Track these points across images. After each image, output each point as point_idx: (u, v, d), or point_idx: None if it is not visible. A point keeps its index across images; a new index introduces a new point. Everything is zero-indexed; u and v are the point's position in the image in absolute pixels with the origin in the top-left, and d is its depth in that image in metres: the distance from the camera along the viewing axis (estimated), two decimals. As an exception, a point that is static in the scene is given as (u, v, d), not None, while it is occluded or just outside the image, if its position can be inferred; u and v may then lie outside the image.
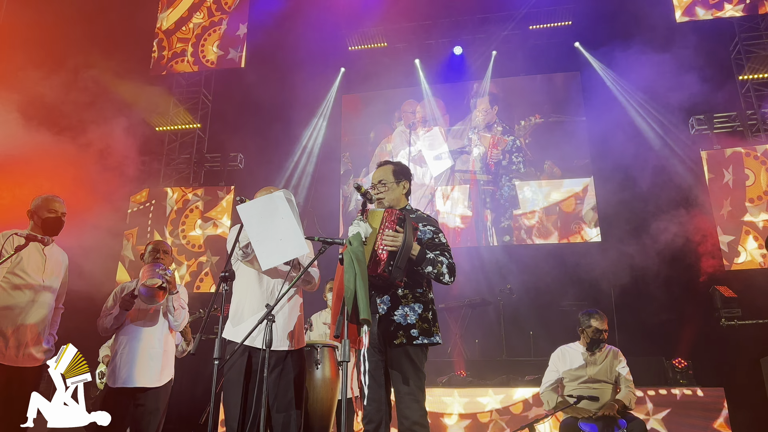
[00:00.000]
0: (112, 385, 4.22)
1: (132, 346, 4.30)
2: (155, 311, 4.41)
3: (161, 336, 4.42)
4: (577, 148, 10.43)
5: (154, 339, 4.37)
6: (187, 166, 11.25)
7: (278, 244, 3.31)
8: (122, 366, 4.24)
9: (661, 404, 6.52)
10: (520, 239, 10.29)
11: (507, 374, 7.63)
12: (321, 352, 4.79)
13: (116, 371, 4.24)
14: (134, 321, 4.39)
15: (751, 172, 9.06)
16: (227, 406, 3.45)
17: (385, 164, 3.65)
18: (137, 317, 4.40)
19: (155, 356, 4.33)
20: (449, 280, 3.32)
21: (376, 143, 11.50)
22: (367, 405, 3.19)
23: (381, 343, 3.28)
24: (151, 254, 4.55)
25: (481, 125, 11.06)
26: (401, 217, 3.23)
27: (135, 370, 4.23)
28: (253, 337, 3.30)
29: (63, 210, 4.12)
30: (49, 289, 4.01)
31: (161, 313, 4.44)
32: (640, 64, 9.89)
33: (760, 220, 8.82)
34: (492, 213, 10.53)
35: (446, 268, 3.31)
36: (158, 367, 4.33)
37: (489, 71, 11.19)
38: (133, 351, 4.28)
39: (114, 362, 4.29)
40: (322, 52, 11.37)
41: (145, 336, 4.35)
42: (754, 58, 9.45)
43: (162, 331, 4.44)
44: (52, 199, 4.09)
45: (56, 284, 4.11)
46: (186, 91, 11.51)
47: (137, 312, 4.40)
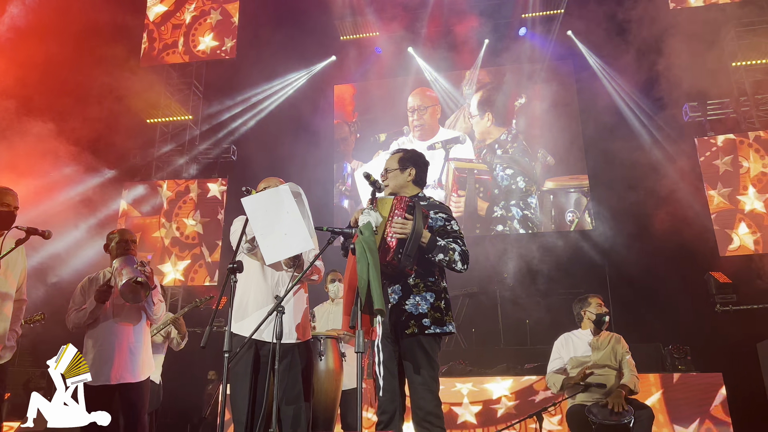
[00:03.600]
0: (93, 383, 3.86)
1: (109, 342, 4.11)
2: (133, 305, 4.21)
3: (140, 329, 4.26)
4: (570, 137, 10.43)
5: (132, 333, 4.20)
6: (180, 159, 11.15)
7: (283, 238, 3.25)
8: (102, 362, 4.05)
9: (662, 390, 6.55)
10: (514, 228, 10.30)
11: (506, 363, 7.65)
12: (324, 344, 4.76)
13: (95, 368, 4.00)
14: (112, 316, 4.19)
15: (744, 158, 9.11)
16: (235, 399, 3.41)
17: (395, 152, 3.60)
18: (113, 311, 4.20)
19: (136, 351, 4.18)
20: (462, 268, 3.27)
21: (369, 133, 11.45)
22: (381, 396, 3.16)
23: (393, 333, 3.25)
24: (119, 245, 4.27)
25: (475, 114, 11.03)
26: (411, 204, 3.17)
27: (116, 365, 4.07)
28: (261, 330, 3.26)
29: (16, 204, 3.87)
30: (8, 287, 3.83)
31: (138, 307, 4.26)
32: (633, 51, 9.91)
33: (753, 206, 8.88)
34: (486, 202, 10.52)
35: (458, 255, 3.25)
36: (139, 362, 4.18)
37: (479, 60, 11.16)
38: (112, 347, 4.10)
39: (91, 359, 4.07)
40: (314, 42, 11.31)
41: (124, 330, 4.17)
42: (747, 45, 9.47)
43: (141, 325, 4.28)
44: (5, 191, 3.85)
45: (15, 280, 3.90)
46: (177, 82, 11.39)
47: (113, 306, 4.20)
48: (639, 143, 9.65)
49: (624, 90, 10.11)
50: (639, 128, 9.80)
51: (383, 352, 3.10)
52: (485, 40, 11.17)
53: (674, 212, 9.10)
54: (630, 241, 9.08)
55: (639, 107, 9.96)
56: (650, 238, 8.94)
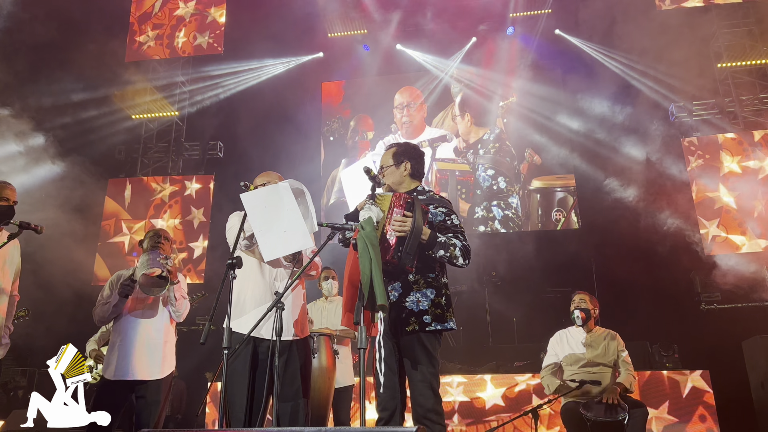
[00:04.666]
0: (110, 377, 4.05)
1: (130, 337, 4.12)
2: (155, 301, 4.23)
3: (161, 326, 4.25)
4: (557, 136, 10.47)
5: (153, 329, 4.20)
6: (166, 155, 11.05)
7: (282, 236, 3.22)
8: (121, 357, 4.07)
9: (649, 387, 6.60)
10: (495, 229, 10.30)
11: (495, 361, 7.66)
12: (317, 341, 4.75)
13: (114, 362, 4.07)
14: (132, 311, 4.20)
15: (729, 158, 9.20)
16: (233, 396, 3.37)
17: (389, 147, 3.58)
18: (135, 307, 4.22)
19: (155, 347, 4.17)
20: (463, 263, 3.25)
21: (356, 131, 11.42)
22: (381, 392, 3.14)
23: (393, 330, 3.22)
24: (151, 240, 4.33)
25: (460, 113, 11.04)
26: (410, 200, 3.15)
27: (134, 361, 4.07)
28: (259, 327, 3.23)
29: (15, 198, 3.87)
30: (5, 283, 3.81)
31: (161, 303, 4.27)
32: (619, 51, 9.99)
33: (738, 206, 8.98)
34: (467, 203, 10.50)
35: (459, 251, 3.23)
36: (159, 359, 4.16)
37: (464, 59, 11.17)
38: (131, 342, 4.11)
39: (111, 353, 4.13)
40: (301, 39, 11.26)
41: (144, 326, 4.18)
42: (733, 47, 9.58)
43: (162, 321, 4.26)
44: (4, 185, 3.84)
45: (11, 275, 3.90)
46: (163, 78, 11.26)
47: (135, 301, 4.22)
48: (626, 142, 9.72)
49: (611, 89, 10.15)
50: (626, 127, 9.85)
51: (384, 349, 3.08)
52: (472, 39, 11.18)
53: (660, 212, 9.19)
54: (616, 240, 9.13)
55: (625, 107, 10.02)
56: (636, 238, 9.00)
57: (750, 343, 7.22)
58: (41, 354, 6.71)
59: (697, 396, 6.54)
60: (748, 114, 9.50)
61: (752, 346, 7.16)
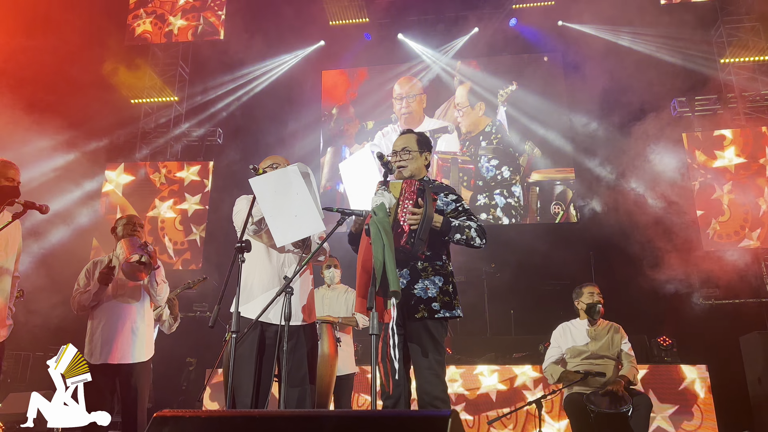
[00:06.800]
0: (94, 362, 4.06)
1: (112, 322, 4.19)
2: (135, 286, 4.29)
3: (142, 311, 4.33)
4: (557, 129, 10.45)
5: (135, 314, 4.27)
6: (164, 141, 10.96)
7: (293, 220, 3.20)
8: (104, 342, 4.13)
9: (647, 381, 6.61)
10: (497, 216, 10.29)
11: (494, 352, 7.66)
12: (320, 329, 4.73)
13: (97, 348, 4.13)
14: (115, 297, 4.26)
15: (731, 153, 9.21)
16: (239, 381, 3.35)
17: (409, 133, 3.55)
18: (117, 292, 4.27)
19: (138, 332, 4.25)
20: (481, 243, 3.25)
21: (357, 121, 11.36)
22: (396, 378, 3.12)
23: (400, 317, 3.20)
24: (126, 228, 4.37)
25: (462, 104, 11.00)
26: (421, 188, 3.14)
27: (118, 346, 4.13)
28: (267, 311, 3.21)
29: (19, 178, 3.84)
30: (8, 263, 3.79)
31: (142, 288, 4.32)
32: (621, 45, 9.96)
33: (739, 201, 8.98)
34: (469, 191, 10.49)
35: (475, 231, 3.23)
36: (142, 343, 4.25)
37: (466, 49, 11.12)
38: (113, 326, 4.17)
39: (93, 339, 4.17)
40: (302, 26, 11.17)
41: (126, 311, 4.24)
42: (736, 42, 9.56)
43: (143, 306, 4.34)
44: (9, 165, 3.78)
45: (14, 255, 3.87)
46: (163, 63, 11.17)
47: (116, 287, 4.27)
48: (627, 136, 9.70)
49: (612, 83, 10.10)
50: (627, 121, 9.82)
51: (398, 335, 3.07)
52: (474, 29, 11.12)
53: (660, 206, 9.18)
54: (615, 234, 9.11)
55: (627, 101, 9.98)
56: (635, 232, 8.99)
57: (748, 338, 7.26)
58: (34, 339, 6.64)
59: (695, 390, 6.56)
60: (750, 110, 9.50)
61: (750, 341, 7.20)
